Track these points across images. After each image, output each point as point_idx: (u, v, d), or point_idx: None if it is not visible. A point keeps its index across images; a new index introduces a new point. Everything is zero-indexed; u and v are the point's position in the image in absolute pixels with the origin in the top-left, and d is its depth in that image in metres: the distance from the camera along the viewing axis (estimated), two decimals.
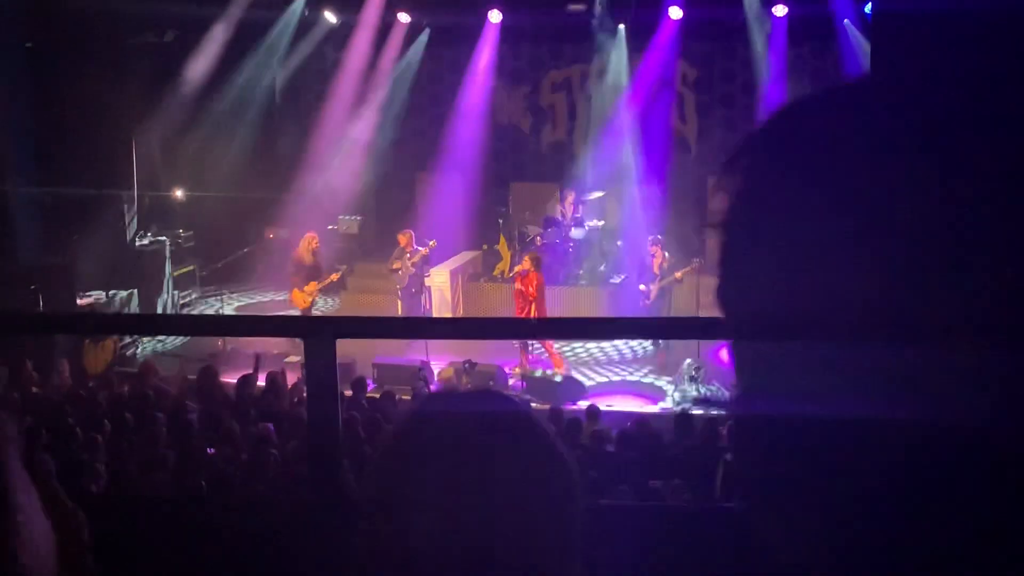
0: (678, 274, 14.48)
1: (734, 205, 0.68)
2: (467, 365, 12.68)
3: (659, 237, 15.24)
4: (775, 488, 0.66)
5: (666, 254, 14.80)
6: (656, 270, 14.70)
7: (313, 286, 14.92)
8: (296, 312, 14.92)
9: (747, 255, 0.67)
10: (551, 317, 13.76)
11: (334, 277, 15.24)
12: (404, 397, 11.08)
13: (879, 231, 0.60)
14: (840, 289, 0.60)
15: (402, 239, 15.46)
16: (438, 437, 1.29)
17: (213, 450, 8.51)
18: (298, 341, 9.64)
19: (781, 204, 0.65)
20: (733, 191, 0.68)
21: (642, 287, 14.79)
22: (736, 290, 0.68)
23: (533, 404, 10.73)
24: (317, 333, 2.47)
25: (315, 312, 15.02)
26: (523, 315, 13.89)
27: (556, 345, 14.39)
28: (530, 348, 14.21)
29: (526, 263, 14.35)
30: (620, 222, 17.96)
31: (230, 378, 11.56)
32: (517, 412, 1.36)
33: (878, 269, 0.59)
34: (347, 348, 10.54)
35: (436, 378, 12.97)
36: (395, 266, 15.32)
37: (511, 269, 15.83)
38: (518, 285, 14.34)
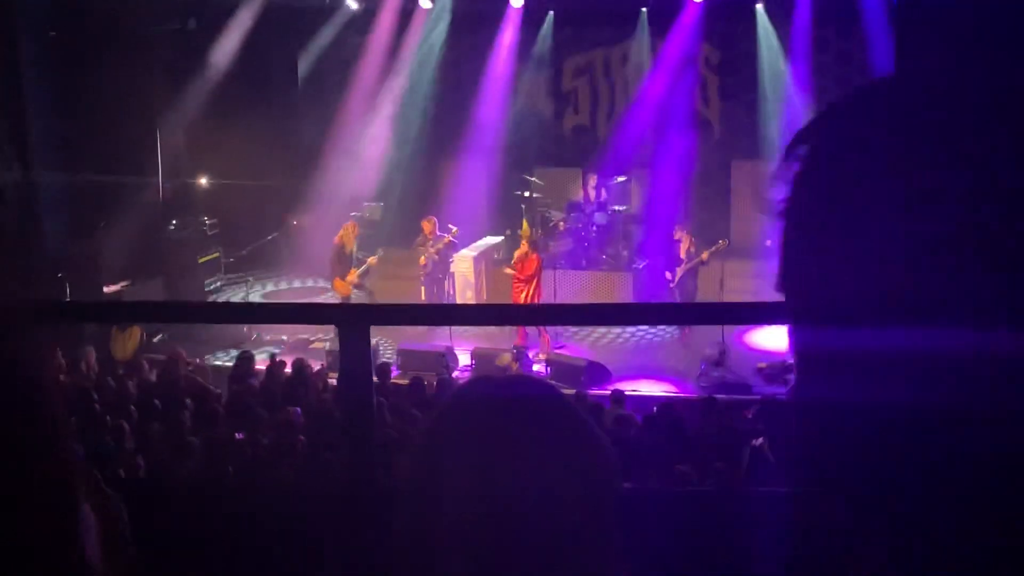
0: (704, 254, 14.45)
1: (793, 193, 0.67)
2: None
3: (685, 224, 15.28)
4: (842, 474, 0.65)
5: (692, 238, 14.78)
6: (683, 255, 14.68)
7: (354, 273, 14.98)
8: (336, 299, 15.01)
9: (808, 243, 0.66)
10: (575, 304, 13.74)
11: (372, 261, 15.29)
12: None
13: (951, 222, 0.59)
14: (912, 279, 0.59)
15: (426, 225, 15.49)
16: (475, 422, 1.30)
17: (241, 435, 8.57)
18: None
19: (842, 191, 0.64)
20: (792, 179, 0.67)
21: (668, 275, 14.78)
22: (798, 278, 0.67)
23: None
24: (351, 321, 2.48)
25: (361, 296, 15.06)
26: (520, 297, 13.99)
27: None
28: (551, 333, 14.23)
29: (523, 245, 14.40)
30: (643, 206, 17.90)
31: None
32: (553, 396, 1.36)
33: (950, 258, 0.58)
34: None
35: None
36: (419, 252, 15.36)
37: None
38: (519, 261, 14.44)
